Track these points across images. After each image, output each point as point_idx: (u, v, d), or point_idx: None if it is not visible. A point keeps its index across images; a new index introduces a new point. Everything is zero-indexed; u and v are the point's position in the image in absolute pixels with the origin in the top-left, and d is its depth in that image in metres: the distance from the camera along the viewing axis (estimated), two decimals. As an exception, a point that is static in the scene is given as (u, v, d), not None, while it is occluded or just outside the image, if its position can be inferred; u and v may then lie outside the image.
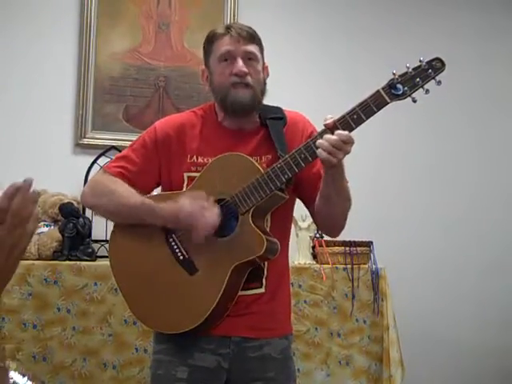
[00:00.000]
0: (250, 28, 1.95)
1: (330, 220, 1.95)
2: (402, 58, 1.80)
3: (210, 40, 1.96)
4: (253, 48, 1.92)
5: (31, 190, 1.03)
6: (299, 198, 2.02)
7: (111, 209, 1.95)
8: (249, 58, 1.91)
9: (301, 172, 1.86)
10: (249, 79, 1.90)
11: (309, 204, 2.00)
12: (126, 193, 1.90)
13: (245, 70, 1.89)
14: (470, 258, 3.96)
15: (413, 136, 3.93)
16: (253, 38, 1.93)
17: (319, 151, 1.70)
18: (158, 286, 1.90)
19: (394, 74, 1.72)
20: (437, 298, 3.86)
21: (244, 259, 1.81)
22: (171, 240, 1.89)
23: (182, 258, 1.88)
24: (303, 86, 3.68)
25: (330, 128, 1.72)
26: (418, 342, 3.70)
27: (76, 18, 3.51)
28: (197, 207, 1.79)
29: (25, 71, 3.42)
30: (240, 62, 1.89)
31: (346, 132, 1.70)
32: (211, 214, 1.80)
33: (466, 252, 3.96)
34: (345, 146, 1.69)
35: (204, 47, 2.00)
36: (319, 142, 1.71)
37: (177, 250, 1.89)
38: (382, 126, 1.75)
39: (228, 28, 1.93)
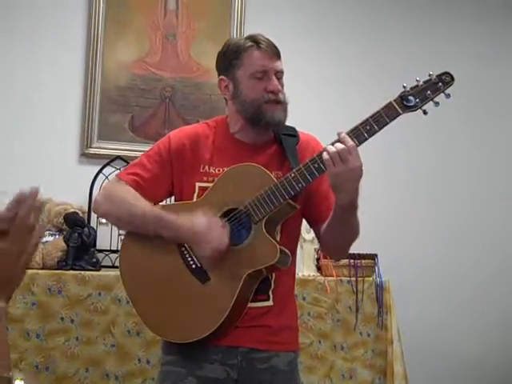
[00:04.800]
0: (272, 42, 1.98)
1: (333, 247, 2.01)
2: (416, 75, 1.81)
3: (237, 51, 1.95)
4: (281, 65, 1.96)
5: (37, 198, 1.04)
6: (304, 217, 2.03)
7: (123, 217, 1.96)
8: (278, 76, 1.94)
9: (310, 190, 1.89)
10: (281, 96, 1.93)
11: (313, 224, 2.02)
12: (139, 202, 1.91)
13: (279, 87, 1.93)
14: (474, 270, 3.94)
15: (415, 148, 3.92)
16: (279, 54, 1.96)
17: (324, 153, 1.73)
18: (170, 295, 1.90)
19: (404, 86, 1.77)
20: (441, 311, 3.85)
21: (258, 267, 1.82)
22: (183, 248, 1.90)
23: (194, 266, 1.88)
24: (312, 100, 3.68)
25: (342, 138, 1.74)
26: (422, 356, 3.68)
27: (83, 28, 3.52)
28: (208, 226, 1.81)
29: (31, 80, 3.43)
30: (275, 80, 1.92)
31: (352, 143, 1.72)
32: (222, 236, 1.82)
33: (471, 264, 3.94)
34: (349, 157, 1.70)
35: (226, 57, 1.98)
36: (328, 146, 1.74)
37: (189, 259, 1.89)
38: (383, 138, 1.77)
39: (254, 41, 1.94)
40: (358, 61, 3.90)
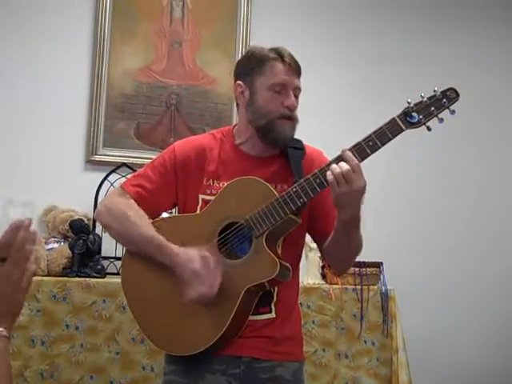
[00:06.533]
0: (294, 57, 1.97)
1: (336, 262, 2.02)
2: (420, 84, 1.81)
3: (260, 59, 1.93)
4: (300, 83, 1.95)
5: (31, 228, 1.07)
6: (308, 233, 2.02)
7: (122, 235, 1.96)
8: (296, 93, 1.94)
9: (314, 206, 1.89)
10: (295, 113, 1.93)
11: (317, 239, 2.02)
12: (139, 222, 1.90)
13: (296, 105, 1.92)
14: (478, 278, 3.94)
15: (418, 158, 3.93)
16: (300, 71, 1.96)
17: (328, 173, 1.72)
18: (170, 308, 1.90)
19: (408, 102, 1.75)
20: (446, 319, 3.84)
21: (257, 281, 1.81)
22: None
23: None
24: (319, 112, 3.68)
25: (346, 156, 1.73)
26: (428, 364, 3.67)
27: (89, 35, 3.53)
28: (199, 276, 1.79)
29: (36, 87, 3.44)
30: (293, 97, 1.91)
31: (356, 161, 1.71)
32: (212, 283, 1.79)
33: (475, 272, 3.94)
34: (353, 177, 1.69)
35: (249, 64, 1.96)
36: (332, 166, 1.72)
37: None
38: (389, 149, 1.77)
39: (279, 53, 1.93)
40: (362, 69, 3.91)
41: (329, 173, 1.71)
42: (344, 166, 1.70)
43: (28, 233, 1.06)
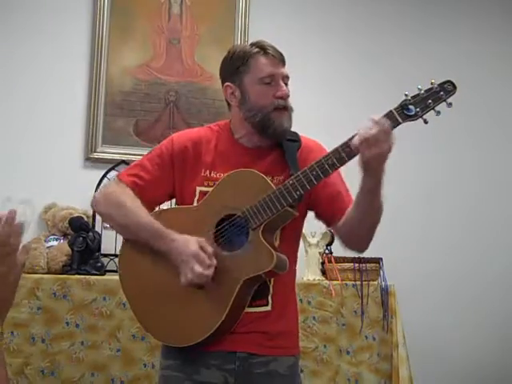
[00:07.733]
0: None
1: (358, 230, 1.93)
2: (418, 80, 1.81)
3: (243, 57, 1.94)
4: (287, 71, 1.96)
5: (16, 220, 1.04)
6: (319, 219, 2.02)
7: (120, 222, 1.97)
8: (285, 82, 1.95)
9: (318, 192, 1.90)
10: (289, 102, 1.94)
11: (330, 223, 2.00)
12: (136, 209, 1.91)
13: (288, 93, 1.93)
14: (478, 273, 3.94)
15: (420, 153, 3.93)
16: (284, 60, 1.97)
17: (355, 138, 1.72)
18: (167, 299, 1.90)
19: (406, 95, 1.75)
20: (446, 314, 3.84)
21: (253, 274, 1.82)
22: None
23: None
24: (314, 107, 3.68)
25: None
26: (428, 359, 3.67)
27: (88, 33, 3.53)
28: (196, 257, 1.80)
29: (36, 85, 3.44)
30: (284, 86, 1.93)
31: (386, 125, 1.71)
32: (209, 264, 1.80)
33: (475, 267, 3.94)
34: (381, 139, 1.69)
35: (232, 64, 1.97)
36: (359, 131, 1.72)
37: None
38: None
39: (260, 47, 1.94)
40: (359, 64, 3.91)
41: (356, 137, 1.71)
42: (369, 130, 1.70)
43: (11, 226, 1.03)
